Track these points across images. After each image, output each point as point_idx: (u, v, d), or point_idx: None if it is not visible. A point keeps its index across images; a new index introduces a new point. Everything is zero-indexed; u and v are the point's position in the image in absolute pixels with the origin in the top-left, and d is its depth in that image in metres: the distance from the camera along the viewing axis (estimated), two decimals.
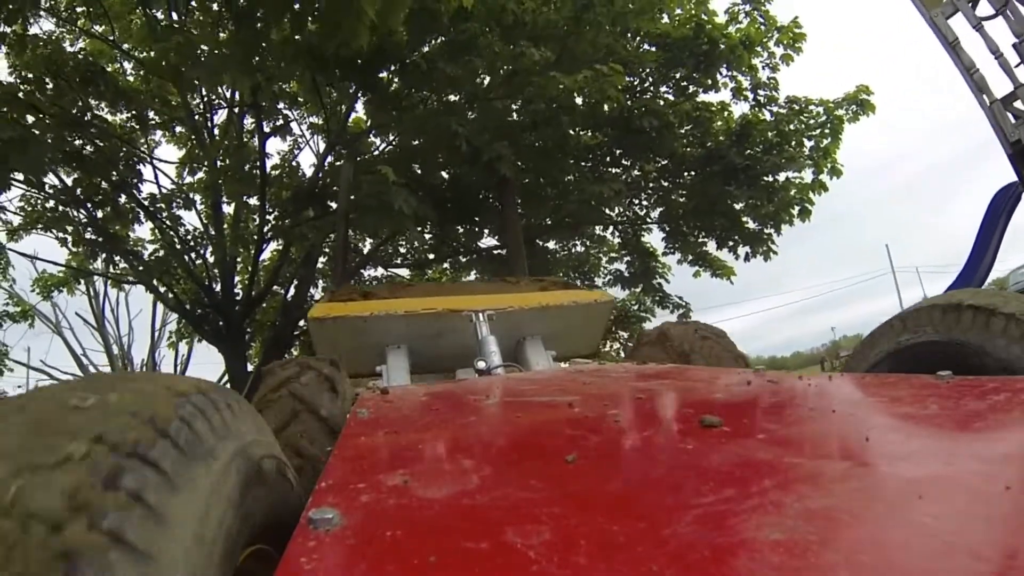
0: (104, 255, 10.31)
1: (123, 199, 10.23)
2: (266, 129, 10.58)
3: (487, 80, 9.69)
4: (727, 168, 10.39)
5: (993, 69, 6.92)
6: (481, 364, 2.80)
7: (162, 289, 11.31)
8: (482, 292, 3.59)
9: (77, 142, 8.95)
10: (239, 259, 11.98)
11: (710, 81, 10.67)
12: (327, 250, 12.58)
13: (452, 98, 9.77)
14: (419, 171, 10.54)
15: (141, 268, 10.86)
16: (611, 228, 13.45)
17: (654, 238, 13.12)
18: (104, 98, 9.27)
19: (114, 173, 9.69)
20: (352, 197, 8.80)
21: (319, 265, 13.04)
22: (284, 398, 1.79)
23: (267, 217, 10.75)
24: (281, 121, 10.83)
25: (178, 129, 11.63)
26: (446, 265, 14.69)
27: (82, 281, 14.14)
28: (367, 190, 8.32)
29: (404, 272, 14.32)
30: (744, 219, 11.33)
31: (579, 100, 9.29)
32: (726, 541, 0.66)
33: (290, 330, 11.37)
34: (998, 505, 0.68)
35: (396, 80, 9.20)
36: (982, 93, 7.01)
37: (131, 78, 10.91)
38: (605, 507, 0.79)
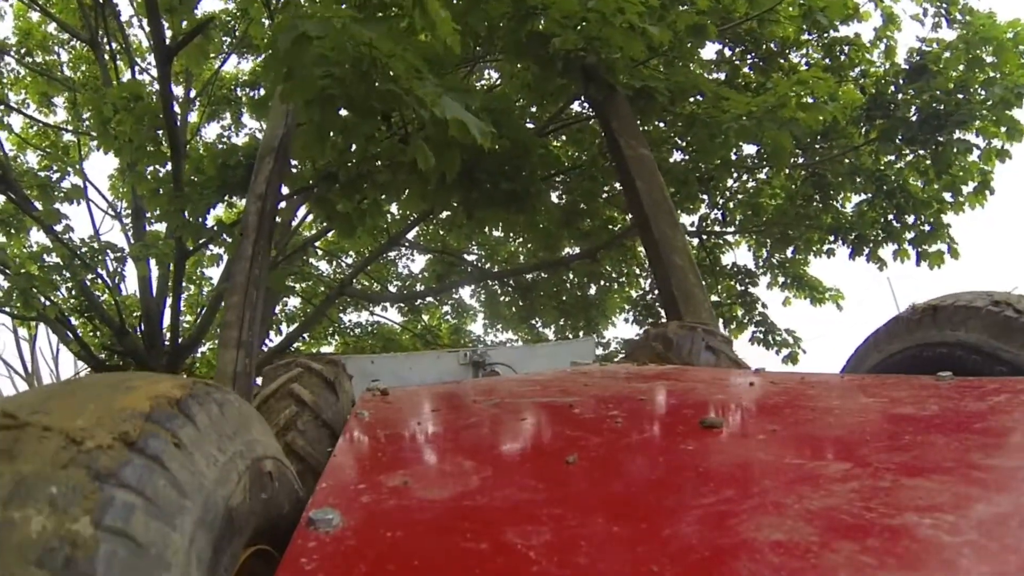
0: None
1: None
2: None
3: None
4: (897, 123, 6.94)
5: None
6: (471, 356, 2.83)
7: (68, 333, 8.43)
8: None
9: None
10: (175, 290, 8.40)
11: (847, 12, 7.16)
12: (291, 280, 9.13)
13: None
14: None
15: (13, 287, 7.08)
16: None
17: (728, 259, 9.85)
18: None
19: None
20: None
21: (287, 305, 9.85)
22: (284, 400, 1.80)
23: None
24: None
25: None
26: (447, 308, 12.29)
27: None
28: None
29: (395, 315, 12.15)
30: (925, 197, 7.59)
31: None
32: (726, 542, 0.66)
33: None
34: (998, 506, 0.68)
35: None
36: None
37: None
38: (605, 508, 0.79)
